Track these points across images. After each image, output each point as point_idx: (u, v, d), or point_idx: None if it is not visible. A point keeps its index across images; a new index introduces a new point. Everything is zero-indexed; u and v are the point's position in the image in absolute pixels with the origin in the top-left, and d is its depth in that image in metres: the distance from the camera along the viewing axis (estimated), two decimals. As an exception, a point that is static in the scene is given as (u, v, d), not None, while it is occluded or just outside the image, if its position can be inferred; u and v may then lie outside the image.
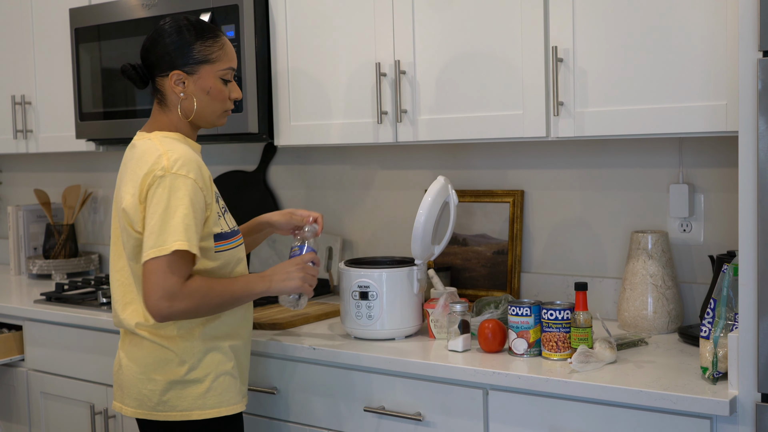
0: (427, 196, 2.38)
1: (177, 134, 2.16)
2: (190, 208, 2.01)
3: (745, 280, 1.80)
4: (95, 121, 3.14)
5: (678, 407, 1.85)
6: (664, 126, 2.13)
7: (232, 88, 2.19)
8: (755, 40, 1.76)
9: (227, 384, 2.15)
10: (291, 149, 3.21)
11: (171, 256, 1.98)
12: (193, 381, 2.12)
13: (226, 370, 2.15)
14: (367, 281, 2.36)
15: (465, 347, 2.25)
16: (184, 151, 2.07)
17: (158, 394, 2.12)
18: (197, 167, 2.06)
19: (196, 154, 2.12)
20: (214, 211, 2.10)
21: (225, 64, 2.16)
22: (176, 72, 2.13)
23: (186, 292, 2.00)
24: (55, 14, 3.34)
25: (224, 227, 2.14)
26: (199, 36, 2.14)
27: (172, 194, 2.00)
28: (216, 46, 2.15)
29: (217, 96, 2.16)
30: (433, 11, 2.46)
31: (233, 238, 2.17)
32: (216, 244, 2.11)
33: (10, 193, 4.24)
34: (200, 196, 2.04)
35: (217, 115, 2.19)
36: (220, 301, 2.08)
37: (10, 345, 3.07)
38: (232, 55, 2.18)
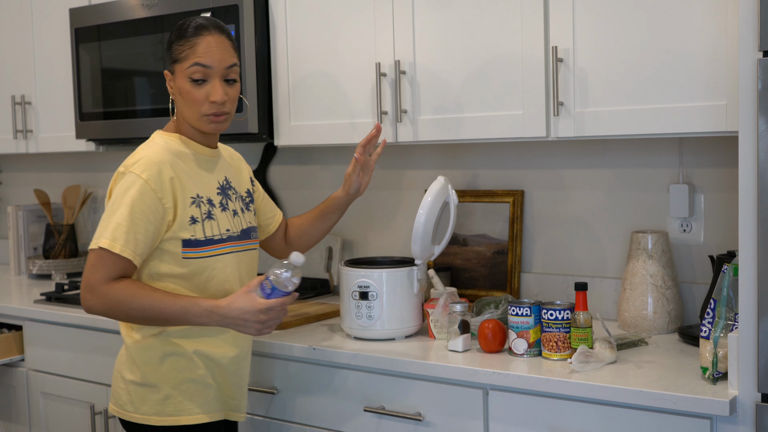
0: (427, 196, 2.38)
1: (175, 135, 2.12)
2: (129, 209, 1.97)
3: (745, 280, 1.80)
4: (95, 121, 3.14)
5: (678, 407, 1.85)
6: (664, 126, 2.13)
7: (210, 89, 2.06)
8: (755, 40, 1.76)
9: (191, 392, 2.07)
10: (291, 149, 3.21)
11: (99, 252, 1.97)
12: (150, 386, 2.07)
13: (191, 378, 2.07)
14: (367, 281, 2.36)
15: (465, 347, 2.25)
16: (154, 151, 2.04)
17: (126, 394, 2.10)
18: (157, 169, 2.00)
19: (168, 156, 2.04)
20: (183, 215, 2.03)
21: (190, 61, 2.05)
22: (165, 72, 2.13)
23: (103, 292, 1.97)
24: (55, 14, 3.34)
25: (198, 234, 2.05)
26: (178, 36, 2.08)
27: (120, 192, 2.00)
28: (187, 44, 2.06)
29: (186, 97, 2.07)
30: (433, 11, 2.46)
31: (211, 247, 2.06)
32: (184, 250, 2.04)
33: (10, 193, 4.24)
34: (150, 197, 1.98)
35: (195, 118, 2.09)
36: (143, 315, 1.98)
37: (10, 345, 3.07)
38: (202, 52, 2.04)
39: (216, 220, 2.09)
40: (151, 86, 3.00)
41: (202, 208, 2.07)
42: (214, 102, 2.06)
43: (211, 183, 2.13)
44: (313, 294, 2.99)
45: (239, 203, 2.20)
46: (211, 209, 2.09)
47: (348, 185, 2.36)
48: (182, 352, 2.07)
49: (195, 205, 2.05)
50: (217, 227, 2.09)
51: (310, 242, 2.45)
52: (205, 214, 2.07)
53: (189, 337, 2.07)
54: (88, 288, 1.99)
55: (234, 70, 2.10)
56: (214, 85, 2.06)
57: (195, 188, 2.07)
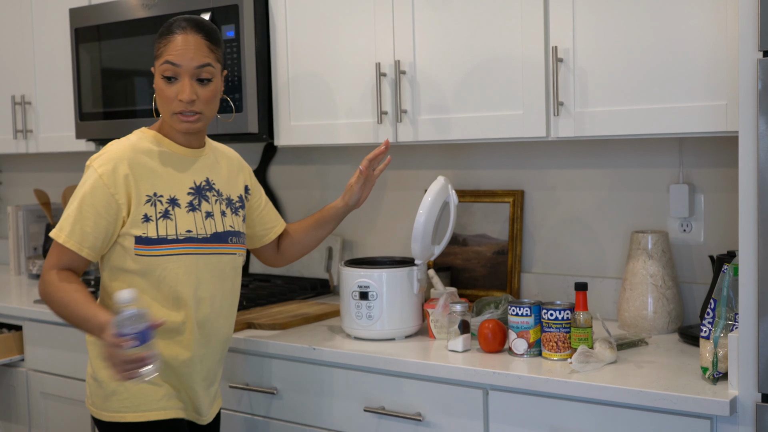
0: (427, 196, 2.38)
1: (152, 133, 2.12)
2: (81, 201, 2.02)
3: (745, 280, 1.80)
4: (95, 121, 3.14)
5: (678, 407, 1.85)
6: (664, 126, 2.13)
7: (179, 88, 2.05)
8: (755, 40, 1.76)
9: (137, 390, 2.05)
10: (291, 149, 3.21)
11: (55, 241, 2.04)
12: (100, 381, 2.09)
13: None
14: (367, 281, 2.36)
15: (465, 347, 2.25)
16: (119, 147, 2.07)
17: (87, 387, 2.15)
18: (113, 165, 2.02)
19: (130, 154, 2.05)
20: (136, 212, 2.03)
21: (163, 58, 2.05)
22: (152, 68, 2.12)
23: (44, 279, 2.03)
24: (55, 14, 3.34)
25: (150, 232, 2.04)
26: (161, 32, 2.09)
27: (80, 184, 2.05)
28: (162, 42, 2.06)
29: (159, 94, 2.08)
30: (433, 11, 2.46)
31: (163, 246, 2.05)
32: (136, 247, 2.04)
33: (10, 193, 4.24)
34: (103, 192, 2.01)
35: (168, 115, 2.09)
36: (58, 311, 2.03)
37: (10, 345, 3.07)
38: (173, 50, 2.04)
39: (173, 220, 2.07)
40: (150, 86, 2.97)
41: (158, 207, 2.06)
42: (181, 101, 2.05)
43: (180, 182, 2.10)
44: (313, 294, 2.99)
45: (221, 206, 2.16)
46: (171, 209, 2.07)
47: (348, 196, 2.36)
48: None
49: (150, 203, 2.05)
50: (173, 227, 2.06)
51: (302, 251, 2.45)
52: (160, 213, 2.06)
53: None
54: (41, 274, 2.06)
55: (207, 70, 2.06)
56: (183, 83, 2.05)
57: (154, 186, 2.06)
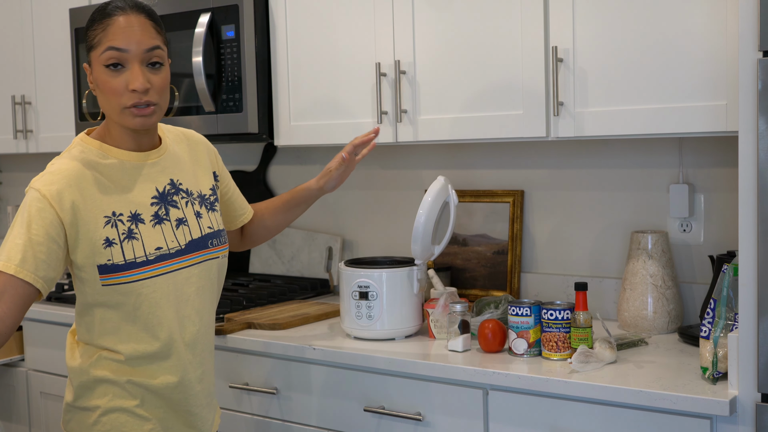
0: (427, 196, 2.38)
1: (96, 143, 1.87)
2: (24, 227, 1.74)
3: (745, 280, 1.80)
4: (95, 121, 3.13)
5: (678, 407, 1.85)
6: (664, 126, 2.13)
7: (130, 76, 1.77)
8: (755, 40, 1.76)
9: (122, 422, 1.87)
10: (291, 149, 3.21)
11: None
12: (83, 408, 1.90)
13: (122, 407, 1.87)
14: (367, 281, 2.36)
15: (465, 347, 2.25)
16: (61, 167, 1.81)
17: (64, 412, 1.95)
18: (57, 188, 1.77)
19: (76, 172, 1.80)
20: (95, 237, 1.79)
21: (103, 46, 1.77)
22: (84, 64, 1.86)
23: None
24: (55, 14, 3.34)
25: (116, 257, 1.80)
26: (92, 20, 1.81)
27: (21, 210, 1.78)
28: (99, 28, 1.78)
29: (104, 88, 1.79)
30: (433, 11, 2.46)
31: (133, 271, 1.81)
32: (102, 277, 1.80)
33: (10, 193, 4.24)
34: (50, 215, 1.75)
35: (116, 112, 1.81)
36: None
37: (10, 345, 3.07)
38: (115, 34, 1.76)
39: (140, 240, 1.83)
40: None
41: (120, 227, 1.82)
42: (135, 90, 1.78)
43: (140, 194, 1.87)
44: (313, 294, 2.99)
45: (194, 207, 1.95)
46: (134, 227, 1.84)
47: (325, 180, 2.22)
48: (116, 380, 1.87)
49: (110, 224, 1.81)
50: (141, 248, 1.83)
51: (267, 235, 2.27)
52: (123, 234, 1.82)
53: (124, 364, 1.87)
54: None
55: (157, 53, 1.81)
56: (133, 71, 1.78)
57: (110, 205, 1.82)
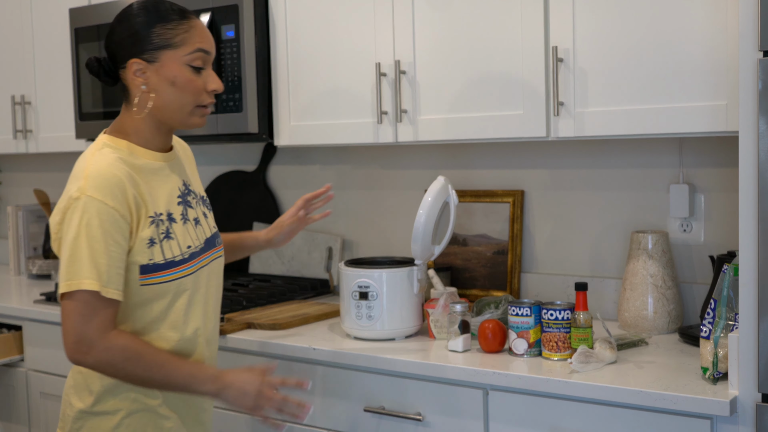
0: (427, 196, 2.38)
1: (124, 143, 1.88)
2: (102, 241, 1.75)
3: (745, 280, 1.80)
4: (95, 121, 3.14)
5: (678, 407, 1.85)
6: (664, 126, 2.13)
7: (208, 77, 1.88)
8: (755, 40, 1.76)
9: (144, 422, 1.88)
10: (291, 149, 3.21)
11: (85, 295, 1.74)
12: (103, 413, 1.88)
13: (146, 407, 1.89)
14: (367, 281, 2.36)
15: (465, 347, 2.25)
16: (106, 168, 1.79)
17: (71, 421, 1.90)
18: (118, 190, 1.77)
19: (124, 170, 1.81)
20: (140, 238, 1.81)
21: (191, 46, 1.84)
22: (135, 60, 1.84)
23: (105, 346, 1.75)
24: (55, 14, 3.34)
25: (156, 257, 1.83)
26: (159, 18, 1.84)
27: (83, 220, 1.75)
28: (180, 28, 1.84)
29: (185, 87, 1.85)
30: (433, 11, 2.46)
31: (170, 270, 1.85)
32: (142, 277, 1.82)
33: (10, 193, 4.24)
34: (120, 224, 1.77)
35: (187, 111, 1.87)
36: (147, 375, 1.80)
37: (10, 345, 3.07)
38: (202, 37, 1.86)
39: (175, 239, 1.87)
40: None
41: (160, 227, 1.85)
42: (213, 91, 1.89)
43: (170, 194, 1.91)
44: (313, 294, 2.99)
45: (200, 208, 1.99)
46: (170, 226, 1.87)
47: (275, 233, 2.32)
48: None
49: (154, 224, 1.84)
50: (177, 247, 1.87)
51: None
52: (163, 234, 1.85)
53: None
54: (85, 341, 1.74)
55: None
56: (211, 73, 1.89)
57: (152, 206, 1.85)
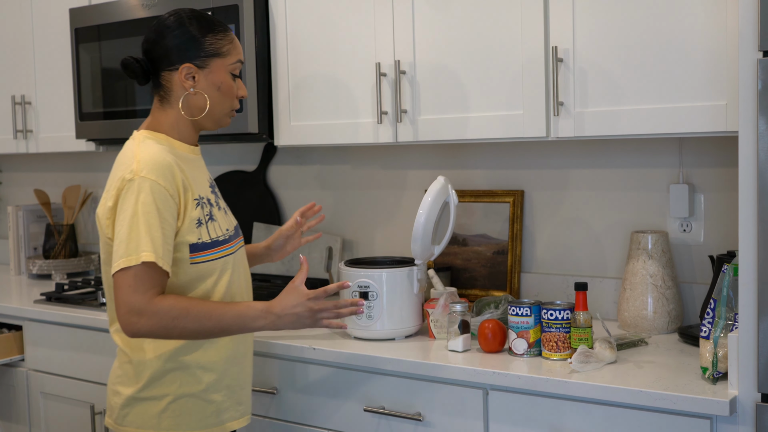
0: (427, 196, 2.38)
1: (163, 136, 2.04)
2: (156, 216, 1.89)
3: (745, 280, 1.80)
4: (95, 121, 3.14)
5: (678, 407, 1.85)
6: (664, 126, 2.13)
7: (239, 85, 2.11)
8: (755, 40, 1.76)
9: (189, 407, 2.02)
10: (291, 149, 3.21)
11: (138, 269, 1.87)
12: (149, 398, 2.01)
13: (190, 393, 2.02)
14: (367, 281, 2.36)
15: (465, 347, 2.25)
16: (157, 153, 1.96)
17: (119, 408, 2.04)
18: (169, 172, 1.94)
19: (171, 157, 1.97)
20: (190, 218, 1.97)
21: (234, 57, 2.07)
22: (187, 65, 2.03)
23: (153, 310, 1.88)
24: (55, 14, 3.34)
25: (204, 236, 2.00)
26: (210, 29, 2.05)
27: (139, 199, 1.89)
28: (227, 39, 2.06)
29: (227, 92, 2.07)
30: (433, 11, 2.46)
31: (216, 249, 2.02)
32: (192, 255, 1.98)
33: (10, 193, 4.24)
34: (170, 203, 1.93)
35: (225, 113, 2.09)
36: (199, 327, 1.92)
37: (10, 345, 3.07)
38: (240, 49, 2.11)
39: (217, 221, 2.05)
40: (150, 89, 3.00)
41: (204, 209, 2.02)
42: (242, 97, 2.12)
43: (204, 183, 2.08)
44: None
45: (222, 201, 2.16)
46: (211, 209, 2.05)
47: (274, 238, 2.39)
48: (186, 367, 2.02)
49: (199, 206, 2.01)
50: (219, 228, 2.05)
51: None
52: (207, 216, 2.02)
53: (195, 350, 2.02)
54: (134, 311, 1.87)
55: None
56: (240, 81, 2.12)
57: (196, 190, 2.02)
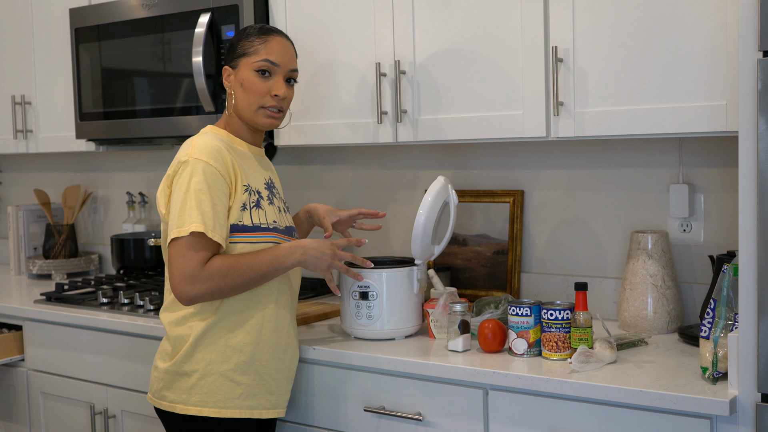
0: (427, 196, 2.38)
1: (224, 132, 2.22)
2: (207, 193, 2.05)
3: (745, 280, 1.80)
4: (95, 121, 3.14)
5: (678, 407, 1.85)
6: (664, 126, 2.13)
7: (273, 84, 2.18)
8: (755, 40, 1.76)
9: (217, 385, 2.14)
10: (291, 149, 3.21)
11: (189, 238, 2.04)
12: (182, 373, 2.15)
13: (218, 371, 2.13)
14: (367, 281, 2.36)
15: (465, 347, 2.25)
16: (211, 141, 2.12)
17: (157, 382, 2.20)
18: (219, 155, 2.09)
19: (225, 145, 2.13)
20: (237, 201, 2.12)
21: (261, 56, 2.16)
22: (225, 67, 2.22)
23: (205, 275, 2.04)
24: (55, 14, 3.34)
25: (245, 220, 2.13)
26: (250, 33, 2.20)
27: (192, 178, 2.06)
28: (257, 41, 2.18)
29: (249, 87, 2.17)
30: (433, 11, 2.46)
31: (257, 233, 2.15)
32: (231, 235, 2.12)
33: (10, 193, 4.24)
34: (221, 182, 2.08)
35: (252, 110, 2.18)
36: (245, 279, 2.08)
37: (10, 345, 3.07)
38: (272, 50, 2.18)
39: (264, 210, 2.18)
40: (150, 86, 3.00)
41: (252, 196, 2.16)
42: (276, 95, 2.18)
43: (258, 178, 2.21)
44: (313, 294, 2.99)
45: (282, 204, 2.29)
46: (260, 200, 2.18)
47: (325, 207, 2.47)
48: (215, 344, 2.14)
49: (246, 192, 2.15)
50: (265, 217, 2.17)
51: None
52: (253, 203, 2.16)
53: (226, 329, 2.14)
54: (188, 279, 2.04)
55: (295, 74, 2.25)
56: (278, 80, 2.19)
57: (246, 178, 2.16)
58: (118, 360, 2.79)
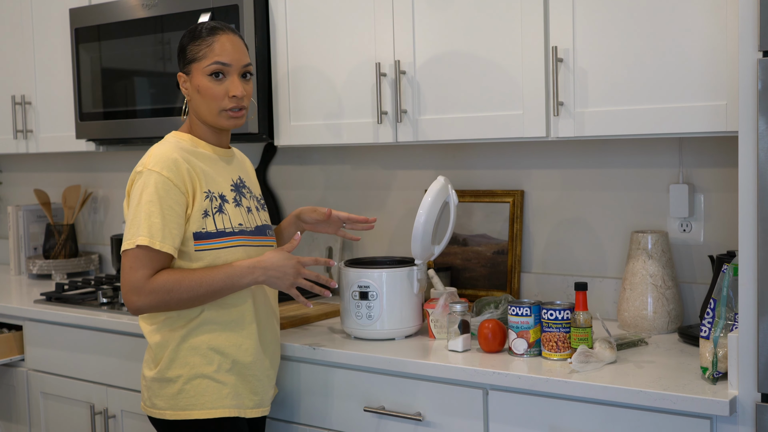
0: (427, 196, 2.38)
1: (188, 136, 2.20)
2: (158, 204, 2.05)
3: (745, 280, 1.80)
4: (95, 121, 3.14)
5: (678, 407, 1.85)
6: (664, 126, 2.13)
7: (230, 85, 2.15)
8: (755, 40, 1.76)
9: (203, 387, 2.14)
10: (291, 149, 3.21)
11: (136, 251, 2.04)
12: (167, 380, 2.15)
13: (203, 373, 2.13)
14: (367, 281, 2.36)
15: (465, 347, 2.25)
16: (167, 150, 2.11)
17: (146, 390, 2.20)
18: (174, 165, 2.08)
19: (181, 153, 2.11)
20: (197, 208, 2.11)
21: (210, 59, 2.14)
22: (179, 74, 2.21)
23: (149, 288, 2.04)
24: (55, 14, 3.34)
25: (209, 227, 2.12)
26: (192, 38, 2.17)
27: (144, 190, 2.07)
28: (204, 44, 2.15)
29: (206, 93, 2.15)
30: (433, 11, 2.46)
31: (222, 239, 2.13)
32: (196, 243, 2.10)
33: (10, 193, 4.24)
34: (175, 191, 2.07)
35: (214, 114, 2.17)
36: (193, 295, 2.06)
37: (10, 345, 3.07)
38: (220, 50, 2.14)
39: (227, 214, 2.16)
40: (151, 86, 3.00)
41: (214, 202, 2.14)
42: (234, 96, 2.15)
43: (223, 180, 2.19)
44: (313, 294, 2.99)
45: (254, 202, 2.26)
46: (223, 204, 2.16)
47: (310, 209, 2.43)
48: (197, 347, 2.13)
49: (207, 198, 2.13)
50: (229, 221, 2.15)
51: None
52: (215, 209, 2.14)
53: (206, 333, 2.14)
54: (133, 290, 2.05)
55: (249, 68, 2.20)
56: (233, 80, 2.16)
57: (207, 184, 2.14)
58: (118, 360, 2.79)
